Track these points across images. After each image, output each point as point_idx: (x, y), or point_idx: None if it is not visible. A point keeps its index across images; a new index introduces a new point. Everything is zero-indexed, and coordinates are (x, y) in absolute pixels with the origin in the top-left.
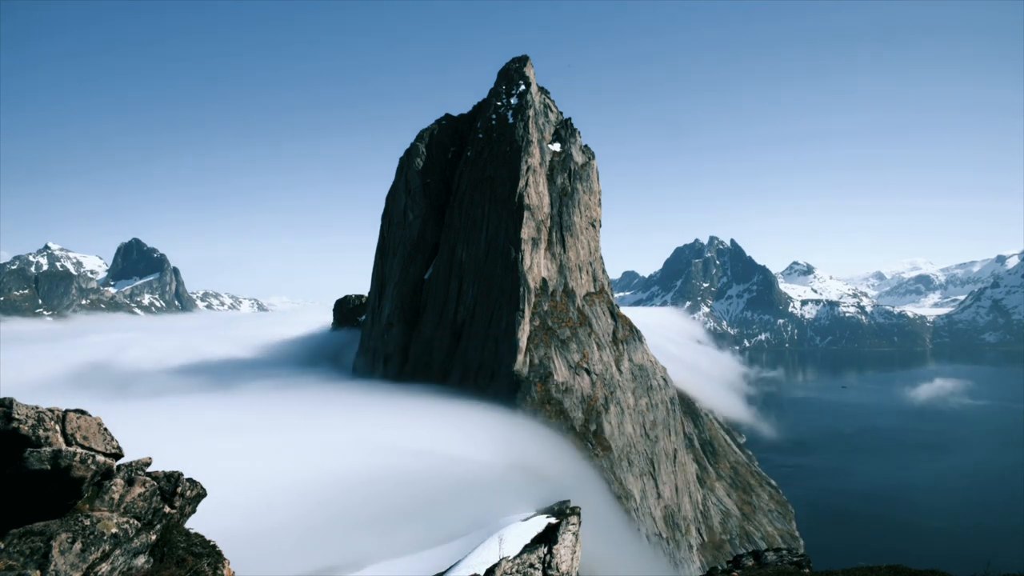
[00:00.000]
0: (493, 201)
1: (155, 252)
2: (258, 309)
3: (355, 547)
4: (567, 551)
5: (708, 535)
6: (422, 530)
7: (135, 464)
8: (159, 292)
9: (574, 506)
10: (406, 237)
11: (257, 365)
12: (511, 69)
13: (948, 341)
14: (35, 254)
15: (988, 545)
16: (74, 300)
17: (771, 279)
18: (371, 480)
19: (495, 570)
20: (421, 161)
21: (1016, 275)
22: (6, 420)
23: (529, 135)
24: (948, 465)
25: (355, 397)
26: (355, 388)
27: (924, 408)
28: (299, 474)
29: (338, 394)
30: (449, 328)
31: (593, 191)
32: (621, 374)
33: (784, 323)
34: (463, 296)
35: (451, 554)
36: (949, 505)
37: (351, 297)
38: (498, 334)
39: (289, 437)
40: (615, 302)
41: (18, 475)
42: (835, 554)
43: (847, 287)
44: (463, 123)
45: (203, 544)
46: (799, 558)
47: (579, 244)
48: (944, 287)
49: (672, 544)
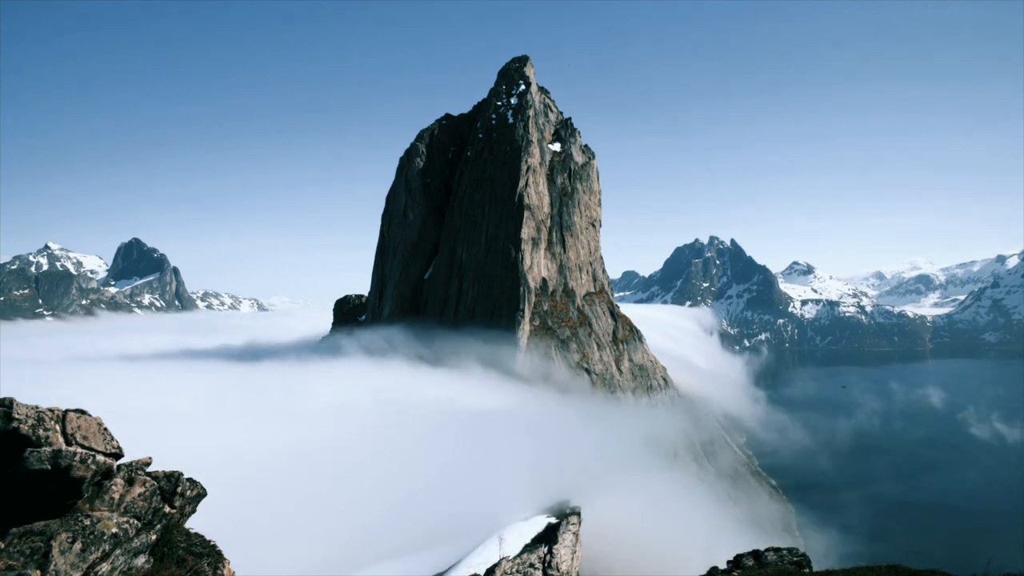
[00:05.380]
0: (493, 201)
1: (155, 252)
2: (258, 309)
3: (355, 547)
4: (567, 551)
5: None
6: (422, 530)
7: (135, 464)
8: (159, 292)
9: (574, 506)
10: (406, 237)
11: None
12: (511, 69)
13: (948, 341)
14: (35, 254)
15: (988, 545)
16: (74, 300)
17: (771, 279)
18: (372, 480)
19: (495, 570)
20: (421, 161)
21: (1016, 275)
22: (6, 420)
23: (529, 135)
24: (948, 465)
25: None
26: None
27: (924, 408)
28: (299, 475)
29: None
30: (449, 328)
31: (593, 191)
32: (621, 374)
33: (784, 323)
34: (463, 296)
35: (451, 554)
36: (949, 505)
37: (351, 297)
38: (498, 334)
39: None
40: (615, 302)
41: (18, 475)
42: (835, 554)
43: (847, 287)
44: (463, 123)
45: (203, 544)
46: (799, 558)
47: (579, 244)
48: (944, 287)
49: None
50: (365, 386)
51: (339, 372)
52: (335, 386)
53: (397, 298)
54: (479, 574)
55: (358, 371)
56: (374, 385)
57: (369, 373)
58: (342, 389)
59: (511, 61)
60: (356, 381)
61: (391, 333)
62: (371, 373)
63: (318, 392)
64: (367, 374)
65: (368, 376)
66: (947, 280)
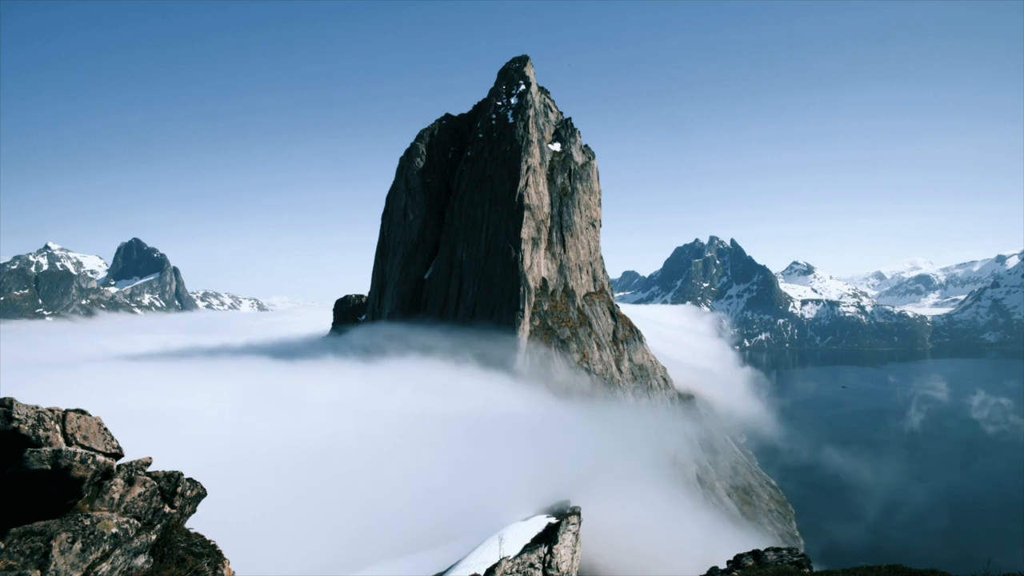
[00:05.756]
0: (493, 201)
1: (155, 252)
2: (258, 309)
3: (355, 547)
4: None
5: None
6: (422, 530)
7: (135, 464)
8: (159, 292)
9: (574, 506)
10: (406, 237)
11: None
12: (511, 69)
13: (948, 341)
14: (35, 254)
15: (988, 545)
16: (74, 300)
17: (771, 279)
18: (371, 480)
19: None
20: (421, 161)
21: (1016, 275)
22: (6, 420)
23: (529, 135)
24: (948, 464)
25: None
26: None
27: (924, 408)
28: (299, 475)
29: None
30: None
31: (593, 191)
32: (621, 374)
33: (784, 323)
34: (463, 296)
35: (451, 554)
36: (950, 505)
37: (351, 297)
38: (498, 334)
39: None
40: (615, 302)
41: (18, 475)
42: (835, 554)
43: (847, 287)
44: (463, 123)
45: (203, 544)
46: (799, 558)
47: (579, 244)
48: (944, 287)
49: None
50: (364, 386)
51: (338, 372)
52: (334, 386)
53: (397, 298)
54: (479, 574)
55: (357, 371)
56: (373, 385)
57: (368, 373)
58: (341, 389)
59: (511, 61)
60: (355, 381)
61: (391, 333)
62: (370, 373)
63: (317, 392)
64: (366, 374)
65: (367, 376)
66: (947, 280)
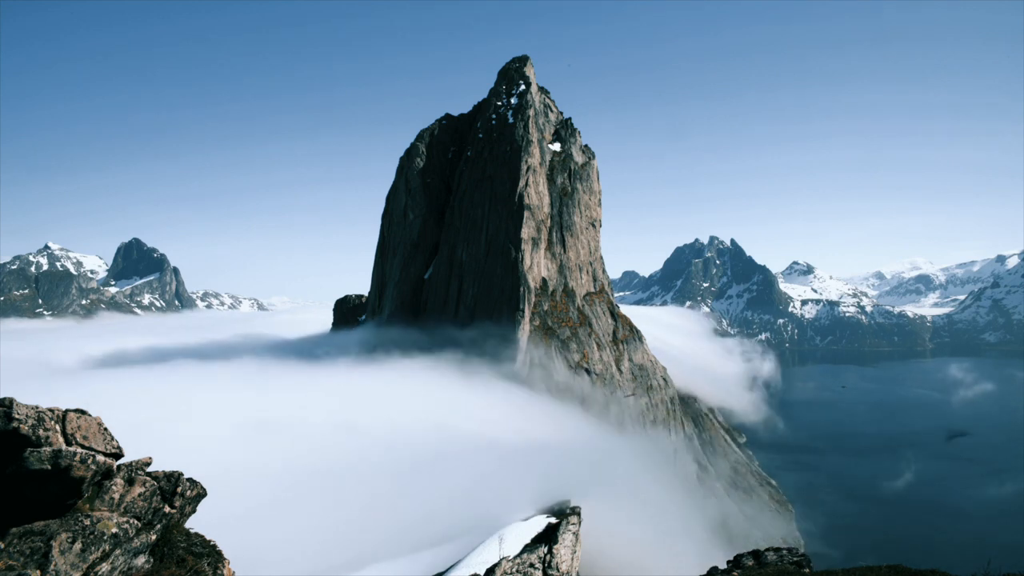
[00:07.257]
0: (493, 201)
1: (155, 252)
2: (258, 309)
3: (355, 547)
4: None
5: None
6: (422, 530)
7: (135, 464)
8: (159, 292)
9: (574, 506)
10: (406, 237)
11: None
12: (511, 69)
13: (948, 341)
14: (35, 254)
15: (988, 545)
16: (74, 300)
17: (771, 279)
18: (371, 479)
19: (495, 570)
20: (421, 161)
21: (1016, 275)
22: (6, 420)
23: (529, 135)
24: (948, 464)
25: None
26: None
27: (924, 408)
28: (298, 475)
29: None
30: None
31: (593, 191)
32: (621, 374)
33: (784, 323)
34: (463, 296)
35: (451, 554)
36: (949, 505)
37: (351, 297)
38: (498, 334)
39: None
40: (615, 302)
41: (18, 475)
42: (835, 554)
43: (847, 287)
44: (463, 123)
45: (203, 544)
46: (799, 558)
47: (579, 244)
48: (944, 287)
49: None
50: (364, 386)
51: (338, 372)
52: (334, 386)
53: (397, 298)
54: (479, 574)
55: (357, 371)
56: (373, 385)
57: (368, 373)
58: (341, 389)
59: (511, 61)
60: (355, 381)
61: (391, 333)
62: (370, 373)
63: (317, 392)
64: (366, 374)
65: (367, 376)
66: (947, 280)
